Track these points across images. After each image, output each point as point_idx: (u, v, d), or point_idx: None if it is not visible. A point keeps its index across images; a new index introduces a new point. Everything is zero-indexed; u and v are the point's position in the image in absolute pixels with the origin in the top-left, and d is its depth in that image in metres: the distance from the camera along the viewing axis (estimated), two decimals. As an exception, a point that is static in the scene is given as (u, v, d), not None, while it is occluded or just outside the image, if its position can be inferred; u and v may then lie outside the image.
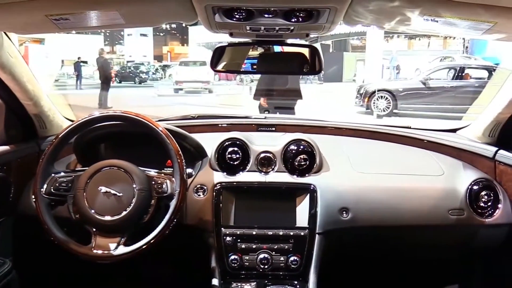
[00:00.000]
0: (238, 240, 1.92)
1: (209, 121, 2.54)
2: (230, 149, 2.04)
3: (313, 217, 1.94)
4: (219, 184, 1.99)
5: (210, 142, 2.10)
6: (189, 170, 1.94)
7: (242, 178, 2.03)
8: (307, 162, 2.03)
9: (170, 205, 1.73)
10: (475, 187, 2.05)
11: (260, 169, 2.04)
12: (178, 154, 1.76)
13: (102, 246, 1.69)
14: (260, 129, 2.44)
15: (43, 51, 18.38)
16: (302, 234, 1.92)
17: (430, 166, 2.17)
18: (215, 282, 1.89)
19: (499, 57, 15.09)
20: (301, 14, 1.34)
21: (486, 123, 2.14)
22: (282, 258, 1.91)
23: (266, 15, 1.36)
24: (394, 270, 2.43)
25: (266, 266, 1.89)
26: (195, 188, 1.99)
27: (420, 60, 22.48)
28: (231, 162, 2.04)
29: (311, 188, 1.98)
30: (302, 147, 2.04)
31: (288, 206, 1.98)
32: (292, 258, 1.90)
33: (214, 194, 1.97)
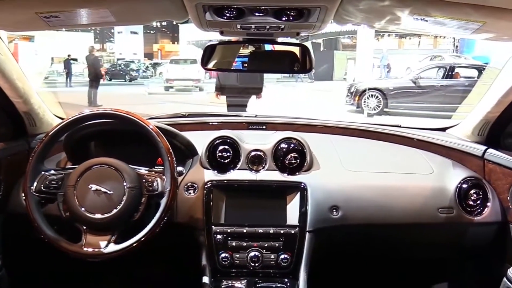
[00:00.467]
0: (229, 238, 1.93)
1: (199, 119, 2.54)
2: (220, 147, 2.04)
3: (303, 215, 1.95)
4: (210, 182, 1.99)
5: (201, 140, 2.10)
6: (179, 168, 1.94)
7: (233, 176, 2.03)
8: (298, 161, 2.03)
9: (161, 203, 1.73)
10: (464, 186, 2.06)
11: (250, 167, 2.05)
12: (168, 152, 1.76)
13: (92, 244, 1.69)
14: (250, 127, 2.45)
15: (33, 49, 18.21)
16: (293, 232, 1.93)
17: (420, 164, 2.19)
18: (206, 280, 1.90)
19: (489, 56, 15.20)
20: (291, 13, 1.35)
21: (475, 122, 2.16)
22: (273, 256, 1.92)
23: (256, 14, 1.36)
24: (383, 268, 2.45)
25: (257, 264, 1.90)
26: (186, 186, 1.99)
27: (410, 59, 22.57)
28: (222, 160, 2.04)
29: (302, 186, 1.98)
30: (292, 146, 2.05)
31: (278, 204, 1.99)
32: (282, 256, 1.91)
33: (205, 192, 1.97)
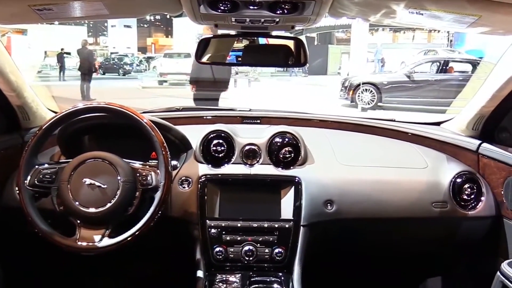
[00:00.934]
0: (223, 232, 1.93)
1: (194, 113, 2.53)
2: (215, 141, 2.04)
3: (297, 209, 1.95)
4: (204, 176, 1.99)
5: (195, 134, 2.10)
6: (174, 162, 1.93)
7: (227, 170, 2.02)
8: (292, 155, 2.03)
9: (155, 197, 1.72)
10: (459, 180, 2.07)
11: (245, 161, 2.04)
12: (163, 146, 1.76)
13: (86, 238, 1.68)
14: (245, 121, 2.45)
15: (26, 42, 18.09)
16: (287, 226, 1.93)
17: (414, 159, 2.19)
18: (200, 274, 1.90)
19: (483, 50, 15.25)
20: (286, 6, 1.34)
21: (470, 116, 2.16)
22: (267, 250, 1.92)
23: (251, 7, 1.35)
24: (377, 262, 2.46)
25: (251, 258, 1.91)
26: (180, 180, 1.99)
27: (404, 53, 22.59)
28: (216, 154, 2.03)
29: (296, 180, 1.98)
30: (287, 140, 2.05)
31: (273, 199, 1.99)
32: (277, 250, 1.91)
33: (199, 186, 1.97)
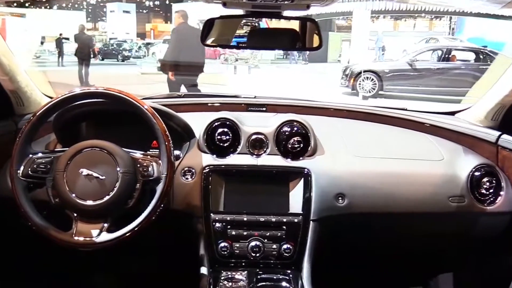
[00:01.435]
0: (228, 226, 1.82)
1: (196, 99, 2.43)
2: (219, 130, 1.93)
3: (307, 203, 1.84)
4: (208, 167, 1.88)
5: (198, 122, 1.99)
6: (176, 152, 1.83)
7: (232, 160, 1.92)
8: (301, 145, 1.92)
9: (157, 189, 1.62)
10: (477, 173, 1.96)
11: (251, 151, 1.93)
12: (165, 135, 1.65)
13: (83, 232, 1.58)
14: (250, 109, 2.33)
15: (23, 25, 17.91)
16: (296, 220, 1.83)
17: (429, 150, 2.08)
18: (204, 270, 1.80)
19: (485, 38, 15.15)
20: None
21: (490, 106, 2.04)
22: (275, 246, 1.81)
23: None
24: (390, 258, 2.36)
25: (258, 254, 1.80)
26: (183, 171, 1.88)
27: (405, 41, 22.45)
28: (221, 144, 1.92)
29: (305, 172, 1.88)
30: (296, 129, 1.94)
31: (280, 191, 1.88)
32: (285, 246, 1.81)
33: (203, 177, 1.86)
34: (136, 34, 39.11)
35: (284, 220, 1.83)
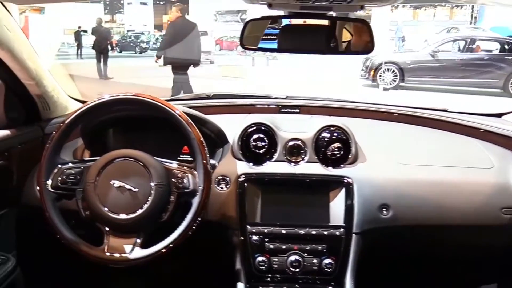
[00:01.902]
0: (266, 239, 1.72)
1: (226, 101, 2.32)
2: (255, 135, 1.82)
3: (349, 214, 1.73)
4: (244, 175, 1.78)
5: (230, 126, 1.89)
6: (212, 161, 1.72)
7: (269, 168, 1.81)
8: (341, 152, 1.81)
9: (193, 202, 1.52)
10: None
11: (289, 158, 1.83)
12: (201, 145, 1.55)
13: (116, 248, 1.50)
14: (282, 110, 2.22)
15: (43, 21, 17.91)
16: (337, 233, 1.72)
17: (478, 157, 1.94)
18: (241, 286, 1.71)
19: (509, 27, 14.74)
20: None
21: None
22: (315, 261, 1.71)
23: None
24: (436, 272, 2.23)
25: (297, 270, 1.70)
26: (217, 179, 1.79)
27: (425, 31, 22.04)
28: (257, 151, 1.82)
29: (347, 181, 1.77)
30: (336, 135, 1.82)
31: (320, 202, 1.78)
32: (326, 261, 1.71)
33: (238, 186, 1.77)
34: (153, 26, 39.08)
35: (325, 233, 1.72)
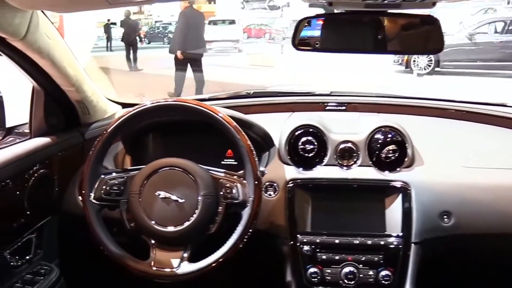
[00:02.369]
0: (317, 249, 1.63)
1: (267, 99, 2.21)
2: (303, 138, 1.72)
3: (407, 222, 1.62)
4: (292, 181, 1.69)
5: (274, 127, 1.80)
6: (261, 169, 1.63)
7: (319, 173, 1.71)
8: (396, 154, 1.70)
9: (243, 214, 1.44)
10: None
11: (340, 162, 1.72)
12: (251, 152, 1.46)
13: (163, 262, 1.43)
14: (328, 108, 2.10)
15: (76, 16, 18.10)
16: (395, 243, 1.61)
17: None
18: None
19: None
20: None
21: None
22: (371, 272, 1.61)
23: None
24: (502, 284, 2.09)
25: (352, 282, 1.60)
26: (265, 185, 1.69)
27: (458, 12, 21.35)
28: (305, 154, 1.72)
29: (404, 186, 1.65)
30: (390, 136, 1.71)
31: (375, 209, 1.67)
32: (383, 273, 1.60)
33: (287, 192, 1.67)
34: (181, 16, 39.16)
35: (381, 242, 1.62)
